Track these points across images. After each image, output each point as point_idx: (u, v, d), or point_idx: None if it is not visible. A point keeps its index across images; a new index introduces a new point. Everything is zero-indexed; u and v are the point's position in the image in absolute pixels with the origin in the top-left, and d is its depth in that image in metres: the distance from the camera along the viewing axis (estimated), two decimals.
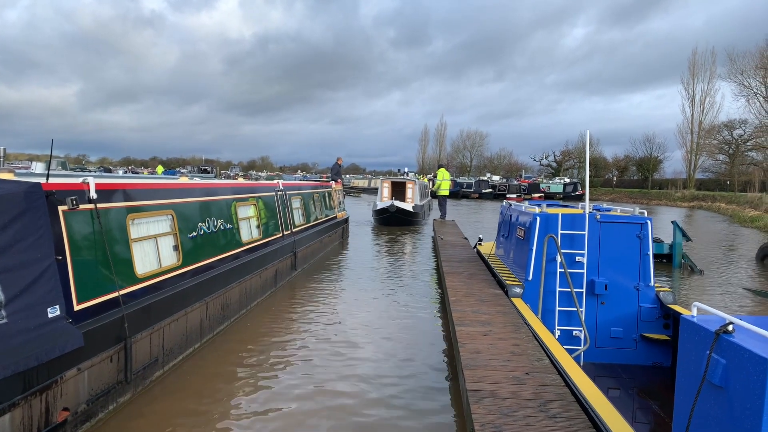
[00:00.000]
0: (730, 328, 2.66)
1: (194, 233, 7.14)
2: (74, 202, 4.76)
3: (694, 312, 3.05)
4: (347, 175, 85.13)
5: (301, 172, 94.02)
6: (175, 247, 6.63)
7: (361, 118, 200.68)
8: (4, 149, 12.24)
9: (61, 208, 4.66)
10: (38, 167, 8.08)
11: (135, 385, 5.41)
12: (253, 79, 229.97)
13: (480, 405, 4.27)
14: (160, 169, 45.74)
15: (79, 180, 5.09)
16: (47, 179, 4.72)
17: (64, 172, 15.13)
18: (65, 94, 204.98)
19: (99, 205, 5.16)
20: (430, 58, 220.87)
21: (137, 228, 5.88)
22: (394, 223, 23.48)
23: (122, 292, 5.24)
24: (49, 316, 4.30)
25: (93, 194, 5.07)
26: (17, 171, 6.26)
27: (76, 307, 4.64)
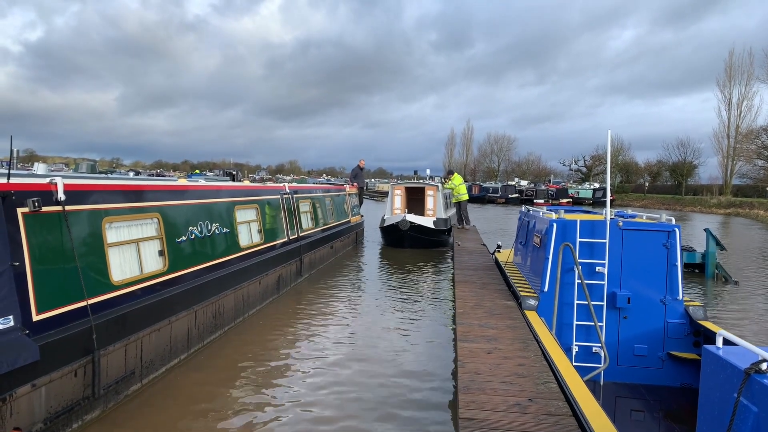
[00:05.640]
0: (764, 366, 2.09)
1: (184, 237, 6.78)
2: (36, 204, 4.42)
3: (720, 342, 2.47)
4: (372, 179, 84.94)
5: (326, 176, 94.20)
6: (161, 252, 6.27)
7: (394, 122, 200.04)
8: (18, 150, 12.25)
9: (20, 210, 4.32)
10: (40, 168, 7.91)
11: (105, 400, 5.04)
12: (292, 83, 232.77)
13: None
14: (197, 171, 46.40)
15: (46, 180, 4.76)
16: (8, 179, 4.39)
17: (87, 174, 15.10)
18: (106, 99, 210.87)
19: (68, 208, 4.82)
20: (471, 62, 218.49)
21: (115, 232, 5.53)
22: (408, 244, 17.65)
23: (92, 300, 4.88)
24: (1, 327, 3.96)
25: (61, 196, 4.73)
26: None
27: (35, 318, 4.29)
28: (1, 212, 4.09)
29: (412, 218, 17.24)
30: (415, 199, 20.36)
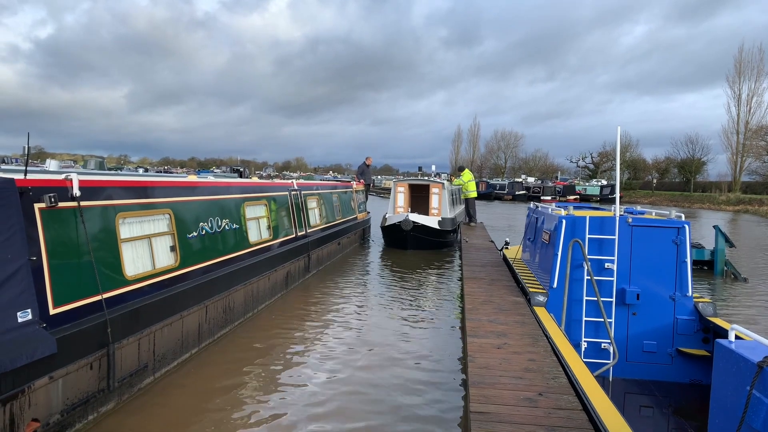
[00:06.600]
0: None
1: (195, 233, 6.84)
2: (52, 200, 4.48)
3: (732, 336, 2.49)
4: (378, 176, 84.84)
5: (333, 173, 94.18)
6: (173, 248, 6.34)
7: (401, 119, 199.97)
8: (28, 148, 12.38)
9: (37, 205, 4.39)
10: (52, 165, 8.03)
11: (119, 393, 5.11)
12: (300, 80, 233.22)
13: (482, 430, 3.77)
14: (213, 169, 46.52)
15: (62, 176, 4.82)
16: (25, 175, 4.45)
17: (97, 171, 15.22)
18: (115, 96, 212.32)
19: (83, 203, 4.88)
20: (480, 58, 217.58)
21: (128, 227, 5.59)
22: (411, 245, 16.55)
23: (106, 295, 4.94)
24: (19, 320, 4.02)
25: (76, 191, 4.79)
26: (2, 167, 6.03)
27: (52, 311, 4.36)
28: (18, 207, 4.14)
29: (416, 218, 16.13)
30: (419, 197, 19.16)
